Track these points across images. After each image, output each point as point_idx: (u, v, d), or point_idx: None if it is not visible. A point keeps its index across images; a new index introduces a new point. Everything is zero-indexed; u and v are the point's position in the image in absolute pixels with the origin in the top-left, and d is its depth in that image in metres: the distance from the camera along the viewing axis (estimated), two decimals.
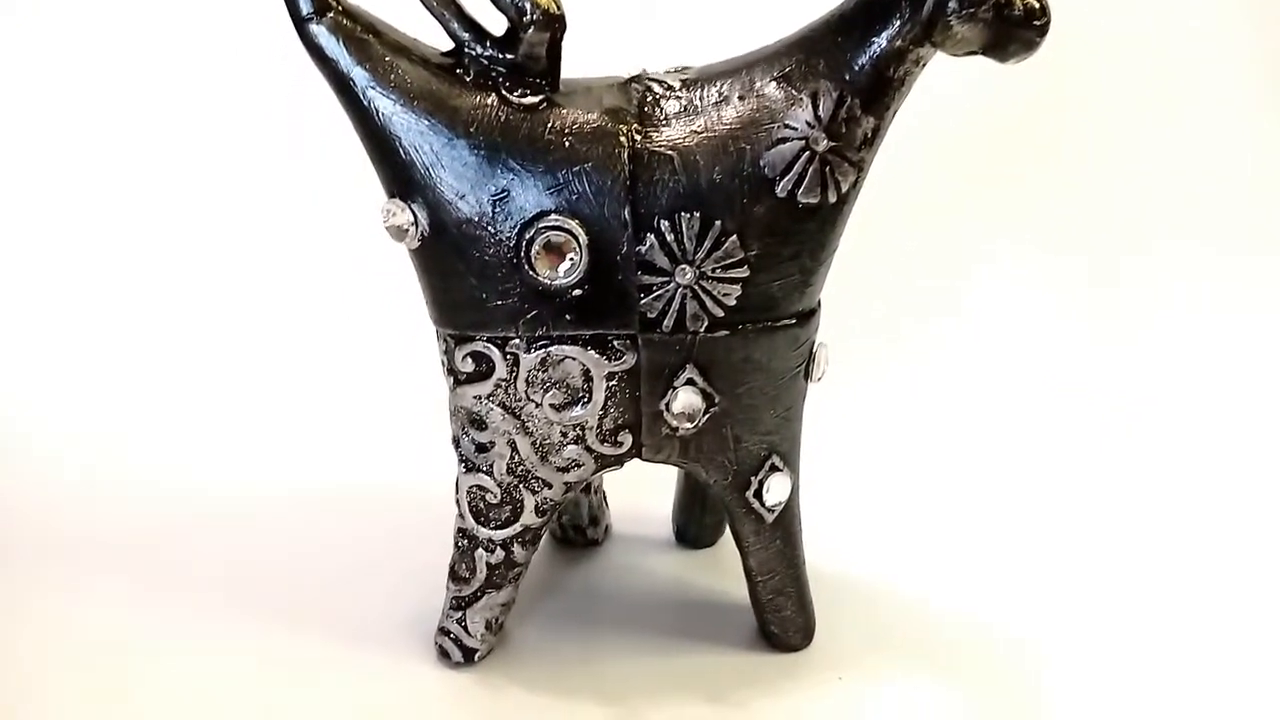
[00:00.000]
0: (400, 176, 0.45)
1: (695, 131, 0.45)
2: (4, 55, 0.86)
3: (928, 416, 0.78)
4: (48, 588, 0.59)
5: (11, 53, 0.86)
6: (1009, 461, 0.73)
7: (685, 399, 0.46)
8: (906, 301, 0.82)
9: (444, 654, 0.53)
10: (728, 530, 0.63)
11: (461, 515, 0.51)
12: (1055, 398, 0.79)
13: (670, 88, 0.46)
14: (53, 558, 0.62)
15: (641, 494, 0.65)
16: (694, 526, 0.63)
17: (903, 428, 0.77)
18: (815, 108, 0.44)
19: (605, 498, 0.64)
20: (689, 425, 0.47)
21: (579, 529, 0.63)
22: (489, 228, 0.44)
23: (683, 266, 0.44)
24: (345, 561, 0.62)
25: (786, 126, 0.44)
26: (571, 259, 0.44)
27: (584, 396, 0.47)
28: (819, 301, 0.49)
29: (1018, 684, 0.52)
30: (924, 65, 0.45)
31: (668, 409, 0.47)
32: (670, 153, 0.44)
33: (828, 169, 0.45)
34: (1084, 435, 0.76)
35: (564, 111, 0.45)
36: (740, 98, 0.45)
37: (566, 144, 0.44)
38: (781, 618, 0.54)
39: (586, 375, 0.46)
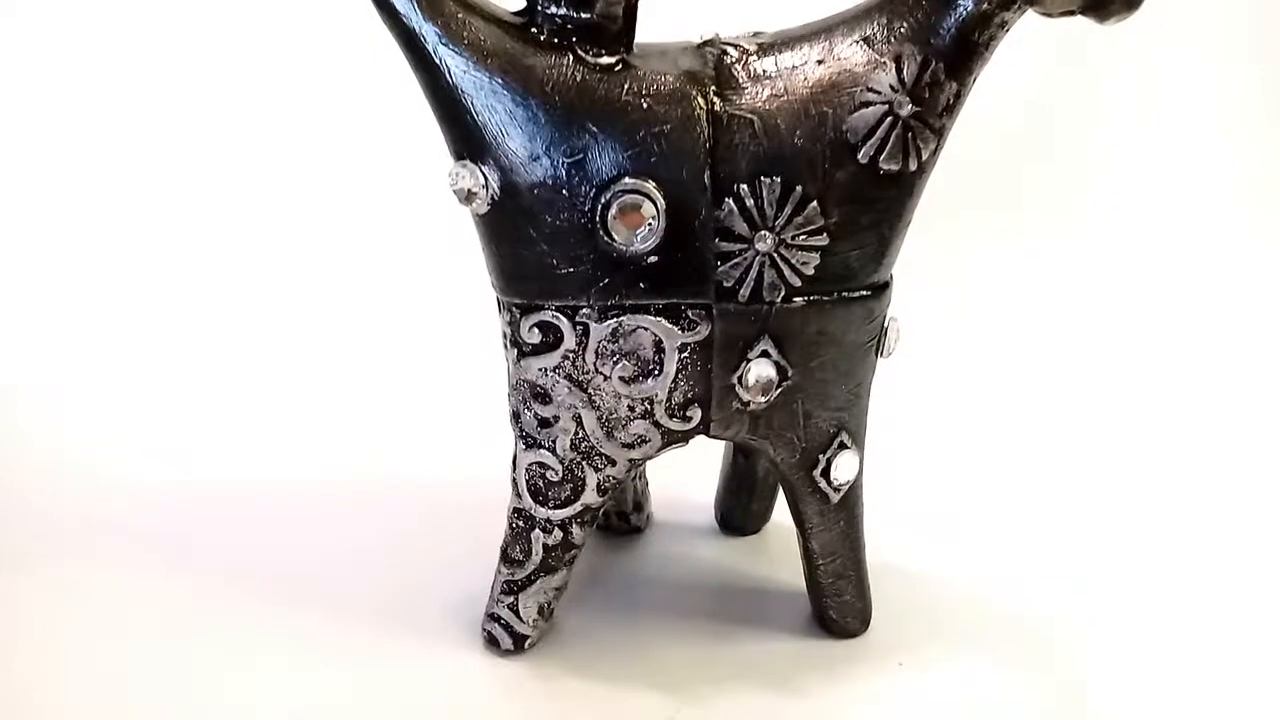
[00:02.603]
0: (470, 138, 0.44)
1: (775, 95, 0.43)
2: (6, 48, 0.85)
3: (990, 400, 0.77)
4: (81, 576, 0.57)
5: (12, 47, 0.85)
6: (1072, 449, 0.72)
7: (759, 371, 0.45)
8: (970, 282, 0.81)
9: (492, 641, 0.51)
10: (771, 518, 0.62)
11: (518, 495, 0.49)
12: (1123, 384, 0.78)
13: (746, 51, 0.45)
14: (84, 545, 0.60)
15: (682, 481, 0.64)
16: (739, 513, 0.61)
17: (963, 411, 0.76)
18: (899, 71, 0.43)
19: (648, 483, 0.62)
20: (762, 399, 0.45)
21: (623, 515, 0.61)
22: (563, 191, 0.43)
23: (762, 233, 0.43)
24: (379, 548, 0.60)
25: (869, 90, 0.43)
26: (650, 224, 0.43)
27: (654, 369, 0.45)
28: (892, 275, 0.48)
29: (1078, 671, 0.51)
30: (1008, 30, 0.44)
31: (740, 382, 0.45)
32: (751, 116, 0.43)
33: (910, 135, 0.44)
34: (1151, 424, 0.75)
35: (641, 73, 0.43)
36: (819, 61, 0.44)
37: (645, 105, 0.43)
38: (841, 602, 0.52)
39: (658, 346, 0.45)
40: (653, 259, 0.43)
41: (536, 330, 0.45)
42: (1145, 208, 0.85)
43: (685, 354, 0.45)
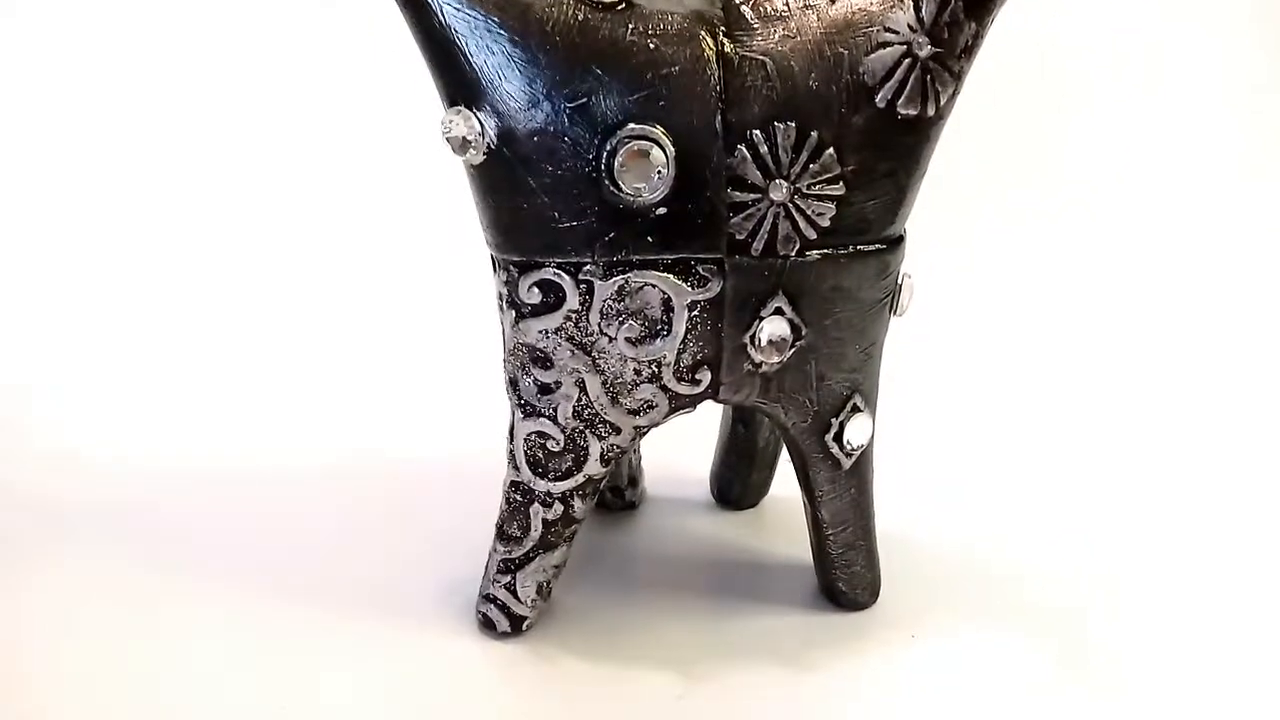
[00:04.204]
0: (464, 82, 0.41)
1: (787, 35, 0.41)
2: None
3: (998, 362, 0.76)
4: (73, 562, 0.54)
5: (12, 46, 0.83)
6: (1084, 413, 0.71)
7: (773, 329, 0.43)
8: (979, 239, 0.79)
9: (488, 624, 0.49)
10: (769, 490, 0.60)
11: (516, 467, 0.46)
12: (1136, 347, 0.77)
13: None
14: (76, 527, 0.57)
15: (676, 454, 0.62)
16: (738, 486, 0.59)
17: (970, 373, 0.75)
18: (917, 10, 0.41)
19: (641, 457, 0.60)
20: (776, 359, 0.43)
21: (617, 490, 0.59)
22: (565, 138, 0.40)
23: (777, 181, 0.41)
24: (362, 531, 0.57)
25: (887, 30, 0.41)
26: (658, 172, 0.40)
27: (663, 329, 0.43)
28: (905, 230, 0.46)
29: (1095, 640, 0.50)
30: None
31: (753, 342, 0.43)
32: (762, 58, 0.41)
33: (929, 78, 0.42)
34: (1165, 390, 0.74)
35: (645, 12, 0.41)
36: (832, 0, 0.42)
37: (651, 46, 0.40)
38: (851, 573, 0.50)
39: (667, 305, 0.42)
40: (661, 211, 0.41)
41: (536, 289, 0.43)
42: (1159, 165, 0.84)
43: (695, 312, 0.42)
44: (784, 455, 0.56)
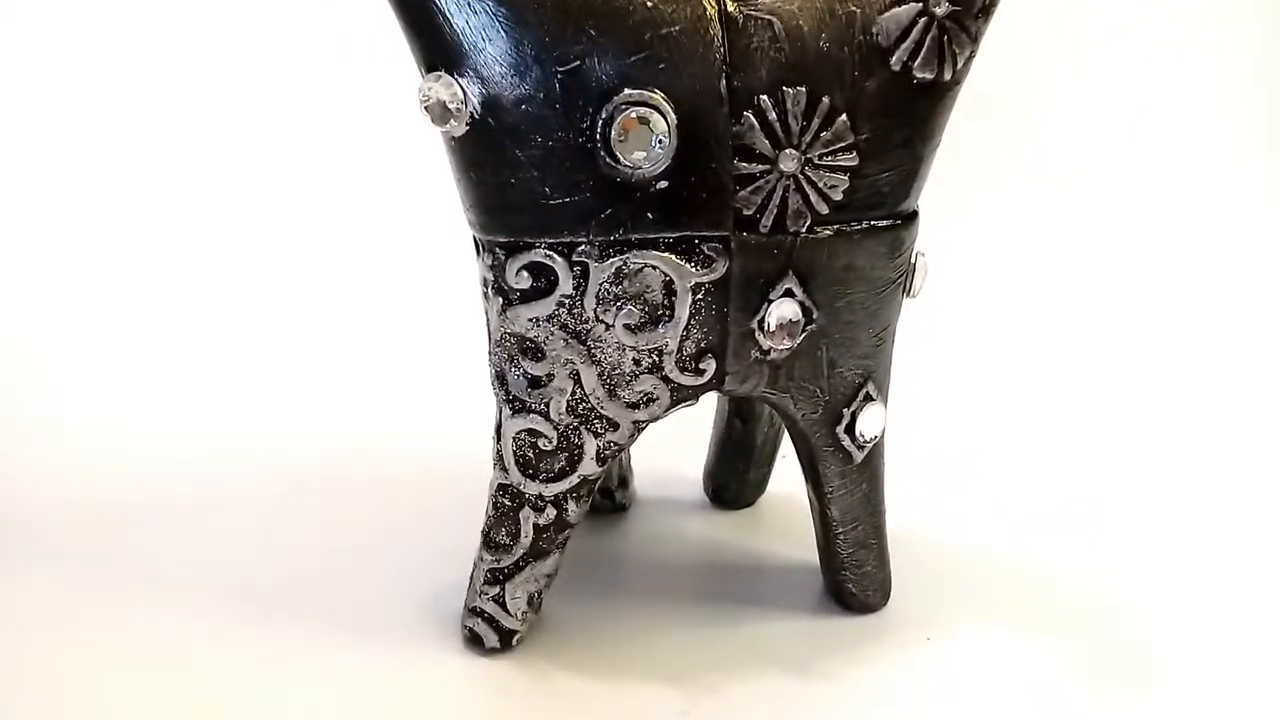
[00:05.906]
0: (445, 45, 0.37)
1: None
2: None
3: (1009, 343, 0.73)
4: (50, 567, 0.50)
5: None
6: (1101, 398, 0.69)
7: (783, 312, 0.39)
8: (988, 213, 0.77)
9: (474, 639, 0.45)
10: (767, 488, 0.57)
11: (504, 469, 0.43)
12: (1155, 325, 0.75)
13: None
14: (51, 536, 0.53)
15: (666, 452, 0.58)
16: (736, 484, 0.56)
17: (981, 356, 0.72)
18: None
19: (631, 456, 0.56)
20: (787, 344, 0.40)
21: (607, 493, 0.55)
22: (557, 105, 0.37)
23: (787, 151, 0.38)
24: (332, 545, 0.53)
25: None
26: (659, 142, 0.37)
27: (664, 314, 0.39)
28: (918, 208, 0.43)
29: (1115, 637, 0.47)
30: None
31: (761, 327, 0.40)
32: (769, 17, 0.37)
33: (945, 38, 0.39)
34: (1186, 373, 0.71)
35: None
36: None
37: (649, 4, 0.37)
38: (861, 574, 0.47)
39: (668, 288, 0.39)
40: (662, 184, 0.37)
41: (526, 273, 0.39)
42: (1170, 135, 0.82)
43: (700, 295, 0.39)
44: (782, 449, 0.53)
